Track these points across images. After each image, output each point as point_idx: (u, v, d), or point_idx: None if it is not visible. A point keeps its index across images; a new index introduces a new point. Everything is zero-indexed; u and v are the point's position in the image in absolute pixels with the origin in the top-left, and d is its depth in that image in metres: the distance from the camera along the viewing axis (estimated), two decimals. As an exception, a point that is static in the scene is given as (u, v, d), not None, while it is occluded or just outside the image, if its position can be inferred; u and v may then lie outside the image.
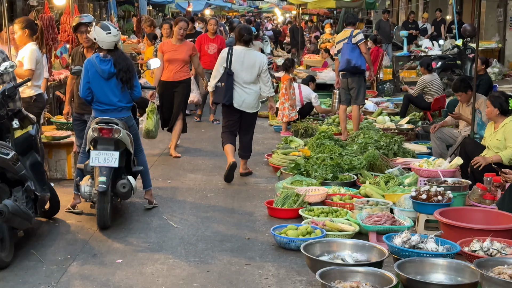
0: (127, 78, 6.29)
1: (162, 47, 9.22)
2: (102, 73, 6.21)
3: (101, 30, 6.21)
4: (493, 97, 6.89)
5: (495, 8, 19.33)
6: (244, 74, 7.76)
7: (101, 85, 6.23)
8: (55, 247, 5.57)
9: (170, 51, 9.08)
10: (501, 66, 17.22)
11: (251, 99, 7.81)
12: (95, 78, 6.23)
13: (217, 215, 6.54)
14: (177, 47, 9.11)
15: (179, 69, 9.11)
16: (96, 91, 6.25)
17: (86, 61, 6.31)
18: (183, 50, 9.09)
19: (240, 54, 7.77)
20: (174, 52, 9.07)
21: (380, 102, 13.16)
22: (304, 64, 17.96)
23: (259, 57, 7.89)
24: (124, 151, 6.14)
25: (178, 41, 9.13)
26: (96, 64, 6.22)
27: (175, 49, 9.09)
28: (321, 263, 4.64)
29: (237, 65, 7.75)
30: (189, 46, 9.22)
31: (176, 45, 9.13)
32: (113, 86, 6.26)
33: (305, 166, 7.61)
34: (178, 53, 9.07)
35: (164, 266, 5.19)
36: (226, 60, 7.75)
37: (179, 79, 9.11)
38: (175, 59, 9.05)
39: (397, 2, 29.77)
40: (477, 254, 4.79)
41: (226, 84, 7.68)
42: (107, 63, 6.22)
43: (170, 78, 9.09)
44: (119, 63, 6.26)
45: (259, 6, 40.96)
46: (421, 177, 6.81)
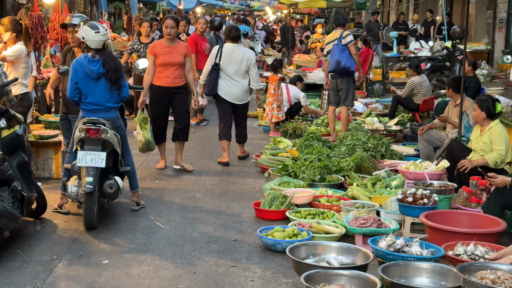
0: (115, 78, 6.29)
1: (153, 49, 8.03)
2: (91, 74, 6.20)
3: (90, 29, 6.20)
4: (480, 100, 6.92)
5: (485, 10, 19.44)
6: (233, 68, 8.59)
7: (90, 85, 6.22)
8: (41, 247, 5.56)
9: (163, 53, 7.97)
10: (490, 68, 17.32)
11: (239, 91, 8.67)
12: (83, 79, 6.21)
13: (204, 216, 6.55)
14: (170, 49, 8.00)
15: (178, 74, 8.02)
16: (84, 92, 6.23)
17: (74, 62, 6.28)
18: (178, 52, 8.01)
19: (229, 50, 8.65)
20: (168, 55, 7.96)
21: (369, 103, 13.21)
22: (295, 63, 18.01)
23: (247, 53, 8.75)
24: (111, 151, 6.14)
25: (169, 41, 8.03)
26: (84, 65, 6.20)
27: (169, 51, 7.98)
28: (306, 266, 4.66)
29: (227, 61, 8.61)
30: (183, 46, 8.14)
31: (169, 46, 8.02)
32: (101, 87, 6.25)
33: (293, 168, 7.63)
34: (173, 55, 7.97)
35: (150, 267, 5.19)
36: (216, 56, 8.66)
37: (178, 85, 8.06)
38: (170, 63, 7.97)
39: (388, 3, 29.87)
40: (461, 258, 4.83)
41: (211, 76, 8.65)
42: (96, 64, 6.21)
43: (168, 83, 7.98)
44: (108, 63, 6.25)
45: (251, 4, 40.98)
46: (408, 179, 6.85)
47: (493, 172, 6.08)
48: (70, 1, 17.84)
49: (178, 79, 8.05)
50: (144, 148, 7.80)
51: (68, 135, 7.00)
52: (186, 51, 8.07)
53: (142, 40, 10.50)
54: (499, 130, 6.75)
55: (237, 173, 8.37)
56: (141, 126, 7.71)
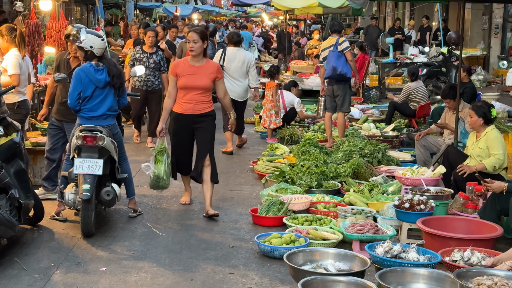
0: (119, 84, 6.36)
1: (175, 68, 6.74)
2: (97, 83, 6.21)
3: (96, 37, 6.24)
4: (477, 106, 6.93)
5: (480, 16, 19.52)
6: (234, 69, 9.71)
7: (96, 94, 6.24)
8: (38, 255, 5.56)
9: (186, 74, 6.67)
10: (486, 73, 17.37)
11: (240, 90, 9.81)
12: (89, 88, 6.21)
13: (202, 222, 6.56)
14: (195, 69, 6.69)
15: (201, 99, 6.71)
16: (89, 101, 6.24)
17: (79, 71, 6.24)
18: (205, 74, 6.69)
19: (231, 53, 9.75)
20: (191, 77, 6.67)
21: (366, 109, 13.24)
22: (291, 70, 18.04)
23: (247, 55, 9.96)
24: (108, 158, 6.15)
25: (195, 60, 6.69)
26: (91, 74, 6.20)
27: (193, 72, 6.68)
28: (303, 272, 4.67)
29: (229, 62, 9.69)
30: (212, 67, 6.76)
31: (194, 66, 6.70)
32: (106, 94, 6.29)
33: (290, 174, 7.65)
34: (198, 78, 6.66)
35: (148, 274, 5.19)
36: (220, 58, 9.69)
37: (201, 112, 6.74)
38: (193, 86, 6.67)
39: (384, 9, 29.94)
40: (457, 264, 4.85)
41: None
42: (102, 72, 6.24)
43: (189, 110, 6.72)
44: (112, 70, 6.30)
45: (247, 10, 41.02)
46: (405, 185, 6.88)
47: (489, 177, 6.11)
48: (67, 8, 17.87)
49: (201, 104, 6.72)
50: (153, 185, 6.83)
51: (53, 141, 6.98)
52: (215, 74, 6.70)
53: (145, 49, 10.05)
54: (495, 135, 6.77)
55: (234, 179, 8.38)
56: (156, 158, 6.76)
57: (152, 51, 10.05)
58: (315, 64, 16.82)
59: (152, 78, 10.01)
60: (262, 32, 33.83)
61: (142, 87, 9.96)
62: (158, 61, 10.02)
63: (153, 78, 10.02)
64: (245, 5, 23.77)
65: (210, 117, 6.81)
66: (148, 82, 9.99)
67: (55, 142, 6.99)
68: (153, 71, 10.00)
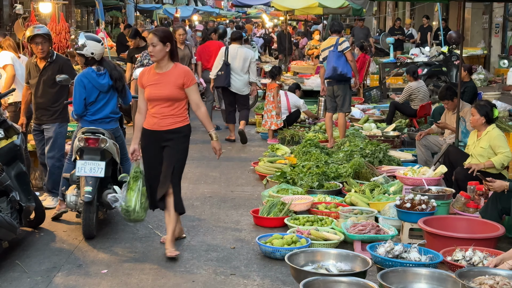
0: (122, 86, 6.37)
1: (141, 77, 5.68)
2: (101, 88, 6.24)
3: (96, 43, 6.26)
4: (479, 105, 6.92)
5: (481, 15, 19.52)
6: (237, 65, 10.57)
7: (100, 99, 6.26)
8: (40, 257, 5.56)
9: (150, 84, 5.58)
10: (487, 72, 17.37)
11: (241, 84, 10.68)
12: (93, 93, 6.23)
13: (203, 224, 6.55)
14: (159, 77, 5.57)
15: (168, 112, 5.58)
16: (94, 106, 6.26)
17: (81, 78, 6.24)
18: (170, 81, 5.54)
19: (234, 50, 10.64)
20: (155, 87, 5.56)
21: (367, 109, 13.23)
22: (292, 70, 18.03)
23: (248, 53, 10.81)
24: (110, 161, 6.16)
25: (159, 66, 5.61)
26: (94, 79, 6.22)
27: (157, 81, 5.57)
28: (305, 273, 4.66)
29: (232, 59, 10.56)
30: (180, 73, 5.58)
31: (158, 74, 5.59)
32: (110, 98, 6.32)
33: (291, 174, 7.64)
34: (161, 87, 5.54)
35: (149, 276, 5.19)
36: (224, 55, 10.59)
37: (168, 127, 5.58)
38: (156, 97, 5.56)
39: (384, 9, 29.94)
40: (459, 264, 4.84)
41: (225, 72, 10.48)
42: (104, 77, 6.26)
43: (155, 125, 5.61)
44: (114, 73, 6.31)
45: (247, 11, 41.01)
46: (406, 185, 6.87)
47: (491, 177, 6.10)
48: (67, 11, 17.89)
49: (168, 119, 5.57)
50: (125, 218, 5.71)
51: (41, 146, 6.97)
52: (182, 81, 5.55)
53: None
54: (498, 133, 6.76)
55: (235, 180, 8.37)
56: (130, 185, 5.66)
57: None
58: (316, 65, 16.80)
59: None
60: (265, 34, 33.80)
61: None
62: None
63: None
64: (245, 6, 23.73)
65: (179, 135, 5.59)
66: None
67: (42, 147, 6.98)
68: None
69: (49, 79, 6.76)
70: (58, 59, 6.90)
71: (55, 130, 6.83)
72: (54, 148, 6.81)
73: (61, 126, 6.90)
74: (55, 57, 6.88)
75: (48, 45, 6.79)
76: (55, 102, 6.83)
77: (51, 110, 6.82)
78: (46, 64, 6.79)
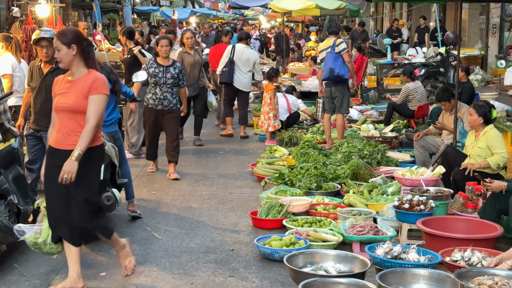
0: (119, 88, 6.39)
1: (54, 86, 4.95)
2: None
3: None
4: (478, 105, 6.93)
5: (478, 16, 19.54)
6: (242, 63, 11.30)
7: None
8: (38, 260, 5.55)
9: (59, 93, 4.85)
10: (484, 73, 17.40)
11: (246, 81, 11.43)
12: None
13: (201, 226, 6.55)
14: (70, 86, 4.81)
15: (72, 128, 4.75)
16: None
17: None
18: (76, 90, 4.75)
19: (240, 49, 11.39)
20: (61, 96, 4.82)
21: (364, 110, 13.23)
22: (289, 72, 18.03)
23: (253, 53, 11.65)
24: (109, 163, 6.15)
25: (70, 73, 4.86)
26: None
27: (67, 90, 4.80)
28: (304, 274, 4.66)
29: (238, 57, 11.30)
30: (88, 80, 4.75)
31: (70, 81, 4.84)
32: (109, 102, 6.31)
33: (289, 176, 7.64)
34: (67, 96, 4.77)
35: (148, 278, 5.18)
36: (230, 52, 11.29)
37: (71, 147, 4.66)
38: (60, 108, 4.81)
39: (381, 10, 29.96)
40: (458, 264, 4.84)
41: (229, 68, 11.21)
42: None
43: (59, 143, 4.80)
44: (111, 77, 6.31)
45: (244, 13, 41.03)
46: (404, 186, 6.87)
47: (489, 177, 6.10)
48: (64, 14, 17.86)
49: (72, 136, 4.72)
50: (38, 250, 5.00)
51: (32, 152, 6.73)
52: (87, 88, 4.70)
53: (160, 61, 8.45)
54: (495, 133, 6.78)
55: (234, 182, 8.37)
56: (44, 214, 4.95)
57: (169, 63, 8.42)
58: (311, 67, 16.81)
59: (169, 96, 8.34)
60: (260, 34, 33.82)
61: (157, 106, 8.33)
62: (176, 75, 8.40)
63: (170, 96, 8.36)
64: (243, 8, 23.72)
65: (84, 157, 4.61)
66: (164, 101, 8.33)
67: (35, 152, 6.70)
68: (170, 87, 8.36)
69: (51, 85, 6.65)
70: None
71: None
72: None
73: None
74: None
75: (53, 49, 6.70)
76: None
77: (50, 117, 6.72)
78: (50, 70, 6.59)
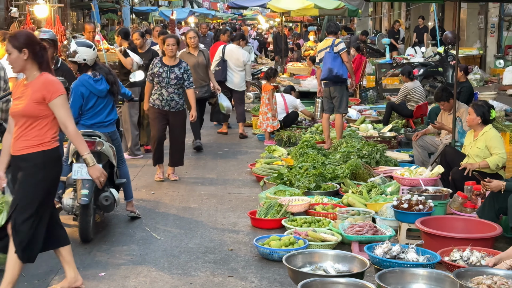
0: (118, 89, 6.39)
1: (14, 90, 4.76)
2: (100, 93, 6.27)
3: (88, 49, 6.27)
4: (476, 105, 6.94)
5: (476, 15, 19.55)
6: (233, 63, 11.36)
7: (98, 104, 6.29)
8: (37, 261, 5.44)
9: (16, 97, 4.63)
10: (483, 72, 17.41)
11: (237, 80, 11.45)
12: (91, 99, 6.26)
13: (200, 226, 6.54)
14: (24, 89, 4.57)
15: (22, 134, 4.52)
16: (92, 111, 6.28)
17: (78, 85, 6.25)
18: (29, 95, 4.49)
19: (230, 49, 11.46)
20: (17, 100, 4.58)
21: (363, 110, 13.24)
22: (288, 72, 18.03)
23: (244, 53, 11.59)
24: (107, 163, 6.14)
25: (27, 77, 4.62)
26: (91, 86, 6.24)
27: (22, 93, 4.57)
28: (303, 274, 4.66)
29: (228, 57, 11.33)
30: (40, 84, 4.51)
31: (25, 85, 4.59)
32: (107, 102, 6.35)
33: (288, 176, 7.64)
34: (22, 100, 4.53)
35: (147, 279, 5.18)
36: (221, 52, 11.38)
37: (20, 152, 4.52)
38: (14, 114, 4.58)
39: (380, 10, 29.97)
40: (457, 264, 4.84)
41: (222, 67, 11.30)
42: (101, 82, 6.27)
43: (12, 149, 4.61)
44: (110, 78, 6.33)
45: (243, 13, 41.03)
46: (403, 185, 6.87)
47: (488, 177, 6.10)
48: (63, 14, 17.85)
49: (22, 141, 4.52)
50: None
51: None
52: (42, 93, 4.46)
53: (165, 61, 8.21)
54: (494, 133, 6.78)
55: (232, 182, 8.37)
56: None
57: (174, 63, 8.20)
58: (310, 67, 16.81)
59: (176, 97, 8.16)
60: (257, 34, 33.80)
61: (164, 107, 8.16)
62: (181, 75, 8.18)
63: (177, 97, 8.18)
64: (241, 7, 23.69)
65: (28, 164, 4.46)
66: (171, 102, 8.15)
67: None
68: (177, 88, 8.17)
69: None
70: (62, 67, 6.81)
71: None
72: None
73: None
74: (60, 64, 6.79)
75: (53, 50, 6.72)
76: None
77: None
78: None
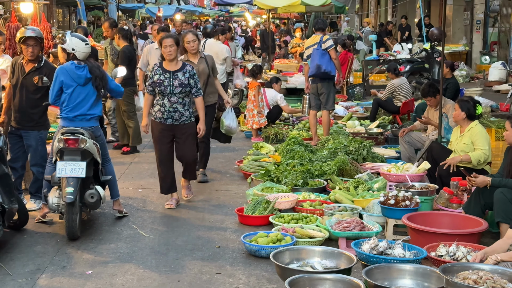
0: (102, 86, 6.36)
1: None
2: (78, 79, 6.23)
3: (80, 41, 6.29)
4: (462, 101, 7.00)
5: (462, 12, 19.65)
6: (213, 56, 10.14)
7: (77, 91, 6.25)
8: (23, 259, 5.52)
9: None
10: (469, 68, 17.50)
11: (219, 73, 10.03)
12: (70, 85, 6.24)
13: (188, 223, 6.54)
14: None
15: None
16: (70, 98, 6.24)
17: (59, 69, 6.31)
18: None
19: (211, 44, 10.84)
20: None
21: (350, 106, 13.27)
22: (275, 68, 18.03)
23: (223, 47, 10.92)
24: (91, 161, 6.12)
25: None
26: (71, 71, 6.24)
27: None
28: (290, 271, 4.67)
29: (208, 51, 10.21)
30: None
31: None
32: (88, 93, 6.30)
33: (276, 173, 7.64)
34: None
35: (134, 276, 5.17)
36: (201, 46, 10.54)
37: None
38: None
39: (367, 6, 30.05)
40: (443, 259, 4.87)
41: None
42: (83, 69, 6.27)
43: None
44: (94, 70, 6.30)
45: (230, 10, 41.00)
46: (390, 181, 6.89)
47: (473, 172, 6.14)
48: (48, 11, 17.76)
49: None
50: None
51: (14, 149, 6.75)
52: None
53: (165, 66, 6.94)
54: (479, 129, 6.82)
55: (220, 179, 8.36)
56: None
57: (177, 68, 6.92)
58: (299, 63, 16.81)
59: (180, 108, 6.88)
60: (242, 31, 33.78)
61: (166, 120, 6.91)
62: (186, 82, 6.88)
63: (181, 107, 6.90)
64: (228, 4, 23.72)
65: None
66: (174, 114, 6.88)
67: (16, 151, 6.76)
68: (181, 97, 6.89)
69: (31, 84, 6.64)
70: (45, 66, 6.74)
71: (35, 137, 6.70)
72: (36, 156, 6.70)
73: (40, 133, 6.77)
74: (43, 63, 6.75)
75: (39, 48, 6.69)
76: (34, 107, 6.68)
77: (30, 116, 6.68)
78: (32, 68, 6.62)
